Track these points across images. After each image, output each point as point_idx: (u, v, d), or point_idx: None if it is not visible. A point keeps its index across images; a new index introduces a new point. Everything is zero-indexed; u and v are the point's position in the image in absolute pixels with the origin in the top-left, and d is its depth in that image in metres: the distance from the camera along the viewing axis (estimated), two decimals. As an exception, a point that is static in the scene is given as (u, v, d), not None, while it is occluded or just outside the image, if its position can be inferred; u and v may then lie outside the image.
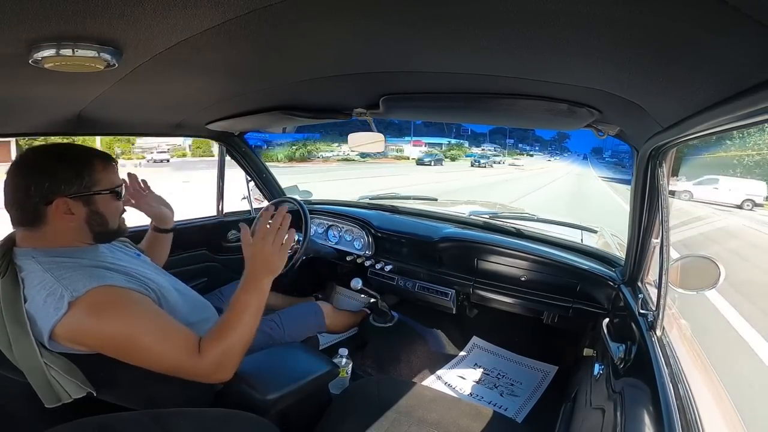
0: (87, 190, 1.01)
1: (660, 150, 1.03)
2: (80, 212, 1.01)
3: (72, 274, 0.92)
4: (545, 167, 38.38)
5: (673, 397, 0.79)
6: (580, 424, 1.24)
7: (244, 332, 1.02)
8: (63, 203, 0.97)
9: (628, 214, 1.30)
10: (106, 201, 1.05)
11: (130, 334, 0.92)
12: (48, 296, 0.88)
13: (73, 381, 0.94)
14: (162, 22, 0.61)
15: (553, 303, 1.80)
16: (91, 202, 1.02)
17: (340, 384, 1.68)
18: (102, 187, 1.03)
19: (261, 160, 2.30)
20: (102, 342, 0.91)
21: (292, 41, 0.77)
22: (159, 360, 0.94)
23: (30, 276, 0.92)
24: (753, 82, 0.54)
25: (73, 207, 0.99)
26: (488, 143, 49.70)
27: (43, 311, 0.88)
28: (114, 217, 1.09)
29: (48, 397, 0.93)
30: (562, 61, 0.76)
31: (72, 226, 1.01)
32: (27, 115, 1.23)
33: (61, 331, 0.88)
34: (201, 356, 0.97)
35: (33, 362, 0.90)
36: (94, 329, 0.90)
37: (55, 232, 0.99)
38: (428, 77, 1.01)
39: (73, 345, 0.92)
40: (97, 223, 1.05)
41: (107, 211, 1.06)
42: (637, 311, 1.17)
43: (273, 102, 1.39)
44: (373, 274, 2.23)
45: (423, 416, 1.24)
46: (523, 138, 65.10)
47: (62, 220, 0.98)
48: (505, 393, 1.87)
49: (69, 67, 0.71)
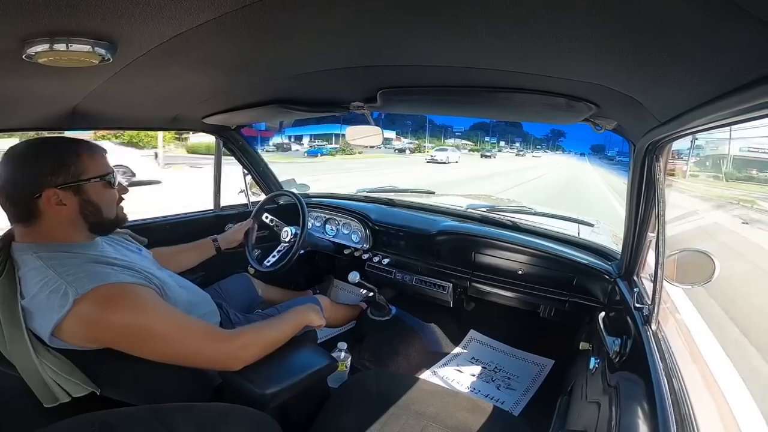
0: (75, 179, 0.99)
1: (657, 144, 1.03)
2: (72, 202, 1.00)
3: (75, 270, 0.92)
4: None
5: (668, 392, 0.80)
6: (575, 417, 1.25)
7: (276, 334, 1.16)
8: (53, 194, 0.96)
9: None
10: (97, 189, 1.04)
11: (143, 327, 0.93)
12: (51, 293, 0.88)
13: (71, 380, 0.93)
14: (157, 17, 0.61)
15: (549, 296, 1.80)
16: (81, 191, 1.01)
17: (339, 378, 1.69)
18: (90, 175, 1.02)
19: (258, 154, 2.29)
20: (116, 335, 0.92)
21: (288, 35, 0.77)
22: (175, 349, 0.97)
23: (31, 272, 0.92)
24: (751, 78, 0.54)
25: (64, 198, 0.98)
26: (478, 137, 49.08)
27: (46, 308, 0.88)
28: (109, 206, 1.08)
29: (46, 397, 0.93)
30: (560, 56, 0.75)
31: (66, 218, 1.00)
32: (21, 110, 1.22)
33: (67, 328, 0.88)
34: (231, 339, 1.06)
35: (27, 362, 0.90)
36: (108, 323, 0.90)
37: (51, 225, 0.98)
38: (426, 71, 1.00)
39: (81, 341, 0.91)
40: (91, 213, 1.04)
41: (100, 199, 1.05)
42: (632, 305, 1.17)
43: (269, 95, 1.39)
44: (371, 267, 2.23)
45: (421, 409, 1.24)
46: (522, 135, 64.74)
47: (55, 213, 0.97)
48: (502, 386, 1.88)
49: (63, 62, 0.70)
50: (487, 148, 41.20)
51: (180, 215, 2.09)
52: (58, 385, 0.92)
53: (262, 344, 1.11)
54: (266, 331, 1.15)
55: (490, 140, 45.05)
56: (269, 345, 1.13)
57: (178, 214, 2.09)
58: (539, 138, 42.53)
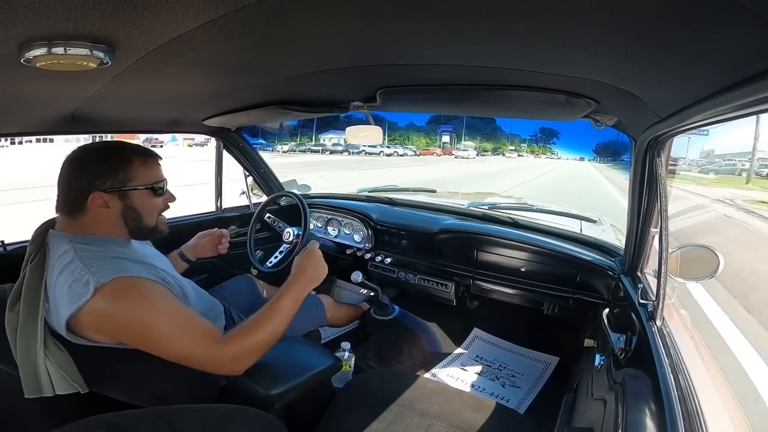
0: (121, 185, 1.05)
1: (658, 140, 1.03)
2: (115, 206, 1.05)
3: (100, 263, 0.95)
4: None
5: (674, 388, 0.79)
6: (581, 414, 1.25)
7: (270, 333, 1.05)
8: (99, 197, 1.02)
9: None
10: (141, 197, 1.08)
11: (148, 322, 0.94)
12: (74, 282, 0.91)
13: (63, 376, 0.95)
14: (154, 19, 0.61)
15: (553, 293, 1.80)
16: (126, 197, 1.06)
17: (343, 378, 1.69)
18: (138, 183, 1.07)
19: (258, 155, 2.29)
20: (123, 329, 0.94)
21: (287, 36, 0.77)
22: (174, 348, 0.96)
23: (60, 260, 0.96)
24: (751, 72, 0.54)
25: (108, 201, 1.03)
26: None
27: (68, 296, 0.91)
28: (150, 214, 1.12)
29: (31, 387, 0.94)
30: (559, 52, 0.75)
31: (108, 218, 1.05)
32: (21, 115, 1.22)
33: (84, 319, 0.91)
34: (222, 346, 1.00)
35: (31, 350, 0.92)
36: (117, 316, 0.92)
37: (93, 221, 1.04)
38: (425, 69, 1.00)
39: (95, 334, 0.94)
40: (132, 218, 1.08)
41: (143, 206, 1.09)
42: (637, 301, 1.17)
43: (269, 97, 1.39)
44: (373, 267, 2.23)
45: (425, 408, 1.24)
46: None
47: (99, 213, 1.03)
48: (507, 384, 1.88)
49: (61, 65, 0.70)
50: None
51: (181, 217, 2.09)
52: (49, 378, 0.94)
53: (255, 351, 1.03)
54: (258, 335, 1.04)
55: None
56: (263, 348, 1.04)
57: (178, 217, 2.09)
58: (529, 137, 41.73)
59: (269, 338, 1.05)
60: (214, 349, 0.99)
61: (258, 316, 1.06)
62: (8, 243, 1.48)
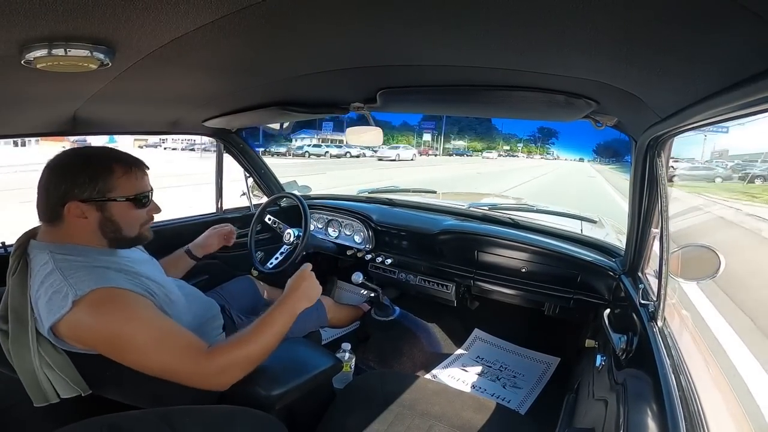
0: (100, 195, 1.00)
1: (658, 140, 1.03)
2: (93, 217, 1.01)
3: (79, 273, 0.93)
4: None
5: (675, 388, 0.79)
6: (583, 415, 1.24)
7: (260, 348, 1.02)
8: (75, 207, 0.98)
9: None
10: (121, 208, 1.04)
11: (124, 335, 0.91)
12: (54, 293, 0.90)
13: (64, 379, 0.94)
14: (154, 20, 0.61)
15: (553, 294, 1.80)
16: (104, 208, 1.02)
17: (344, 378, 1.69)
18: (118, 194, 1.02)
19: (259, 156, 2.29)
20: (97, 341, 0.92)
21: (287, 37, 0.77)
22: (151, 361, 0.93)
23: (41, 272, 0.94)
24: (751, 72, 0.54)
25: (86, 211, 1.00)
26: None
27: (47, 308, 0.90)
28: (131, 226, 1.07)
29: (36, 395, 0.94)
30: (558, 53, 0.75)
31: (86, 229, 1.02)
32: (21, 116, 1.22)
33: (62, 329, 0.90)
34: (207, 357, 0.96)
35: (26, 358, 0.92)
36: (91, 327, 0.90)
37: (71, 231, 1.01)
38: (425, 70, 1.00)
39: (77, 344, 0.93)
40: (110, 230, 1.04)
41: (122, 218, 1.05)
42: (638, 302, 1.17)
43: (269, 98, 1.39)
44: (374, 268, 2.23)
45: (426, 409, 1.24)
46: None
47: (76, 223, 1.00)
48: (508, 385, 1.88)
49: (62, 67, 0.70)
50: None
51: (181, 219, 2.09)
52: (50, 383, 0.94)
53: (242, 366, 1.00)
54: (246, 349, 1.01)
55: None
56: (252, 364, 1.01)
57: (179, 218, 2.09)
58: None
59: (259, 352, 1.02)
60: (197, 362, 0.95)
61: (249, 330, 1.04)
62: (9, 244, 1.48)
